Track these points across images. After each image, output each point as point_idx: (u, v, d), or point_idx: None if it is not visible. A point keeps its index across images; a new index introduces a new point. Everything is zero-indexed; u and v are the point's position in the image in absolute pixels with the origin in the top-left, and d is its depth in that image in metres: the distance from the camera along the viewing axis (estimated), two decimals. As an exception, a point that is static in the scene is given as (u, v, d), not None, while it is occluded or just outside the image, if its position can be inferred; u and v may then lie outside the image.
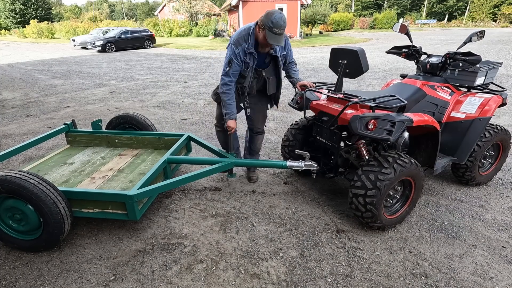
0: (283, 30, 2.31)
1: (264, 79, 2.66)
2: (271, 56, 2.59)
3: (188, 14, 31.78)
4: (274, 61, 2.64)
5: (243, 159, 2.88)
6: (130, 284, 1.88)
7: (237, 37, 2.46)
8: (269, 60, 2.62)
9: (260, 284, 1.88)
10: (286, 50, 2.65)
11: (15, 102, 6.63)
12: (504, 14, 36.51)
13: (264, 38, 2.35)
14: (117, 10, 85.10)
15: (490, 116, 2.50)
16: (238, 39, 2.46)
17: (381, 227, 2.24)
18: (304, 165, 2.54)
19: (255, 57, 2.49)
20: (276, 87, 2.78)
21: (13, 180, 1.93)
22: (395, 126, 1.99)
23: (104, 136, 3.28)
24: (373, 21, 37.64)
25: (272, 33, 2.29)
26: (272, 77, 2.70)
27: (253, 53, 2.46)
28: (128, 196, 2.06)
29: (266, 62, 2.62)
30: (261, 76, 2.64)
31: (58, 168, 2.86)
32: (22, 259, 2.10)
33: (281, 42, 2.36)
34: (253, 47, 2.45)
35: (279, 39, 2.32)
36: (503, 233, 2.30)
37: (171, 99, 6.65)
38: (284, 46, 2.61)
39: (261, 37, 2.37)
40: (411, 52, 2.81)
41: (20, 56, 15.86)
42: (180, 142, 2.96)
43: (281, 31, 2.29)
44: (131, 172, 2.79)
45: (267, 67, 2.64)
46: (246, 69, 2.53)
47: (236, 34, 2.49)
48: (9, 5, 38.40)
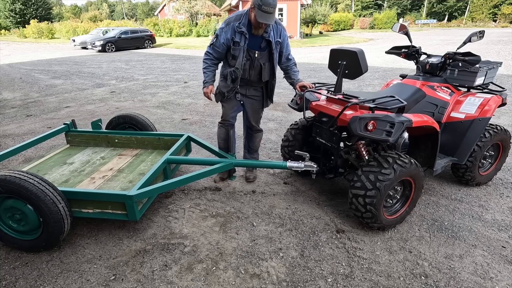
0: (272, 8, 2.28)
1: (260, 65, 2.65)
2: (266, 41, 2.58)
3: (188, 14, 31.78)
4: (269, 46, 2.62)
5: (243, 160, 2.88)
6: (130, 284, 1.88)
7: (230, 16, 2.58)
8: (265, 45, 2.61)
9: (260, 284, 1.88)
10: (281, 38, 2.63)
11: (15, 102, 6.63)
12: (504, 14, 36.54)
13: (255, 18, 2.35)
14: (117, 10, 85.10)
15: (490, 116, 2.50)
16: (229, 17, 2.58)
17: (381, 227, 2.24)
18: (304, 166, 2.54)
19: (246, 37, 2.50)
20: (270, 75, 2.75)
21: (12, 180, 1.93)
22: (394, 127, 1.99)
23: (104, 136, 3.28)
24: (373, 21, 37.67)
25: (261, 11, 2.28)
26: (267, 63, 2.68)
27: (243, 33, 2.48)
28: (127, 196, 2.06)
29: (262, 46, 2.60)
30: (253, 59, 2.61)
31: (58, 168, 2.86)
32: (22, 259, 2.10)
33: (271, 21, 2.35)
34: (245, 27, 2.48)
35: (268, 17, 2.31)
36: (503, 233, 2.30)
37: (171, 99, 6.65)
38: (279, 34, 2.61)
39: (253, 18, 2.39)
40: (411, 52, 2.81)
41: (20, 56, 15.86)
42: (180, 142, 2.96)
43: (270, 9, 2.27)
44: (131, 172, 2.79)
45: (262, 50, 2.62)
46: (236, 47, 2.54)
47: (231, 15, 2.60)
48: (9, 5, 38.36)
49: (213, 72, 2.74)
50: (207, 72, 2.72)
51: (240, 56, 2.55)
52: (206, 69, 2.72)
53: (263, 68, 2.66)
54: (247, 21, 2.49)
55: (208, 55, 2.69)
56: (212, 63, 2.72)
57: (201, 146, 3.02)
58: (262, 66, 2.65)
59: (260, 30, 2.49)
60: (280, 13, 23.26)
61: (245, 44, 2.53)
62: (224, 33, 2.53)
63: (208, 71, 2.72)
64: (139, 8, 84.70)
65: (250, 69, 2.65)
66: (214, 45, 2.62)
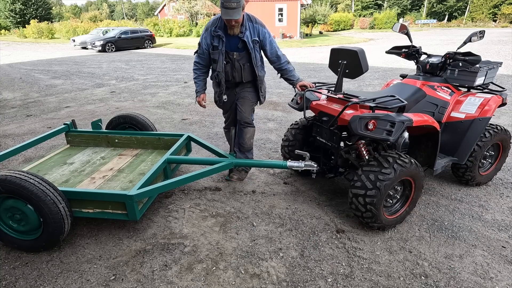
0: (234, 3, 2.26)
1: (240, 66, 2.66)
2: (242, 42, 2.57)
3: (188, 14, 31.78)
4: (246, 46, 2.61)
5: (243, 160, 2.87)
6: (130, 284, 1.88)
7: (208, 22, 2.63)
8: (242, 46, 2.61)
9: (260, 284, 1.88)
10: (259, 36, 2.59)
11: (15, 102, 6.63)
12: (504, 14, 36.53)
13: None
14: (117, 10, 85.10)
15: (490, 116, 2.50)
16: (207, 23, 2.62)
17: (381, 227, 2.24)
18: (304, 165, 2.53)
19: (223, 40, 2.54)
20: (251, 75, 2.74)
21: (13, 180, 1.92)
22: (395, 126, 1.99)
23: (104, 136, 3.28)
24: (373, 21, 37.65)
25: (223, 8, 2.30)
26: (247, 64, 2.68)
27: (220, 35, 2.52)
28: (128, 196, 2.06)
29: (240, 47, 2.60)
30: (233, 60, 2.63)
31: (58, 168, 2.85)
32: (22, 259, 2.10)
33: (235, 16, 2.33)
34: (222, 30, 2.52)
35: (230, 12, 2.31)
36: (503, 233, 2.30)
37: (171, 99, 6.65)
38: (257, 32, 2.58)
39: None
40: (411, 52, 2.81)
41: (20, 56, 15.86)
42: (180, 142, 2.96)
43: (231, 4, 2.26)
44: (131, 172, 2.79)
45: (240, 51, 2.62)
46: (215, 51, 2.58)
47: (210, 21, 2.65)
48: (9, 5, 38.34)
49: (203, 80, 2.83)
50: (198, 82, 2.82)
51: (220, 59, 2.60)
52: (196, 78, 2.83)
53: (243, 68, 2.68)
54: (222, 23, 2.53)
55: (196, 65, 2.79)
56: (201, 72, 2.80)
57: (201, 146, 3.02)
58: (242, 67, 2.67)
59: (235, 30, 2.50)
60: (280, 13, 23.27)
61: (223, 47, 2.56)
62: (204, 39, 2.61)
63: (198, 81, 2.82)
64: (139, 8, 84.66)
65: (232, 70, 2.68)
66: (198, 53, 2.71)
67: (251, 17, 2.61)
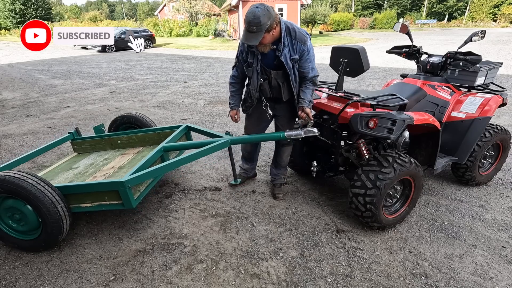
0: (254, 26, 2.01)
1: (278, 84, 2.42)
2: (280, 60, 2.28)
3: (188, 14, 31.79)
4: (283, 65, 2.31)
5: (239, 137, 2.66)
6: (130, 284, 1.88)
7: None
8: (279, 64, 2.32)
9: (260, 284, 1.87)
10: (298, 53, 2.27)
11: (15, 102, 6.63)
12: (504, 14, 36.50)
13: None
14: (117, 10, 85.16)
15: (490, 116, 2.50)
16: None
17: (381, 226, 2.24)
18: (303, 133, 2.33)
19: (258, 57, 2.31)
20: (289, 93, 2.47)
21: (11, 180, 1.92)
22: (395, 124, 1.99)
23: (106, 139, 3.31)
24: (373, 21, 37.66)
25: (245, 30, 2.11)
26: (285, 83, 2.40)
27: (254, 52, 2.29)
28: (119, 183, 2.00)
29: (276, 64, 2.33)
30: (270, 78, 2.38)
31: (63, 173, 2.88)
32: (22, 259, 2.09)
33: (252, 42, 2.09)
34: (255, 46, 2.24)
35: (249, 37, 2.07)
36: (503, 233, 2.29)
37: (171, 99, 6.65)
38: (297, 49, 2.25)
39: None
40: (412, 52, 2.80)
41: (20, 56, 15.87)
42: (178, 131, 2.93)
43: (251, 27, 2.02)
44: (132, 167, 2.78)
45: (278, 69, 2.36)
46: (249, 68, 2.37)
47: None
48: (9, 5, 38.32)
49: (239, 95, 2.65)
50: (233, 95, 2.65)
51: (254, 77, 2.40)
52: (233, 92, 2.64)
53: (282, 87, 2.41)
54: None
55: (233, 78, 2.59)
56: (239, 87, 2.62)
57: (201, 133, 2.97)
58: (281, 85, 2.40)
59: (264, 47, 2.25)
60: (280, 13, 23.26)
61: (258, 65, 2.34)
62: (241, 53, 2.40)
63: (234, 94, 2.64)
64: (139, 8, 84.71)
65: (271, 88, 2.44)
66: (237, 67, 2.52)
67: (291, 30, 2.21)
